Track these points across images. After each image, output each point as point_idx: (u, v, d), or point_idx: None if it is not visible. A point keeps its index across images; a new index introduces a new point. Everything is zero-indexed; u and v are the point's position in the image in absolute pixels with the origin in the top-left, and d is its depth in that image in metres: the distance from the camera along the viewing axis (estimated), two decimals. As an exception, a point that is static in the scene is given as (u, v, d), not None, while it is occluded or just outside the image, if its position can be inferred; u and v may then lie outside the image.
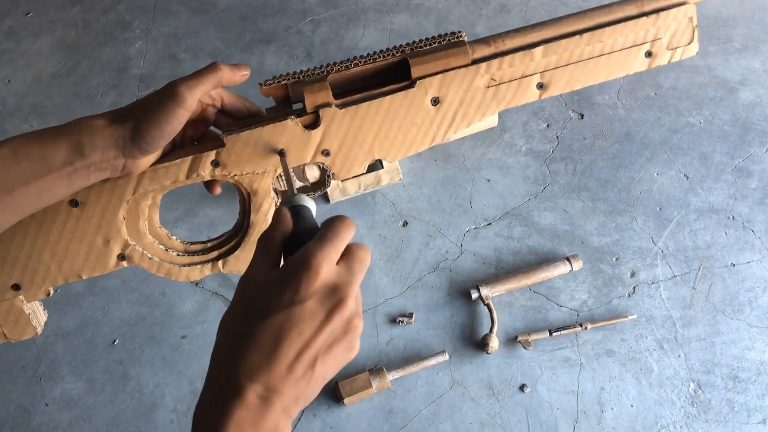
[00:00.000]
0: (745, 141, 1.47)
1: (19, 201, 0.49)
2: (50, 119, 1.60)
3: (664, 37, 0.61)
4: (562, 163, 1.46)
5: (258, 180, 0.58)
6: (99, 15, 1.79)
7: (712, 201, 1.39)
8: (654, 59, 0.62)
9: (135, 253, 0.59)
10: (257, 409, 0.39)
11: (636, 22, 0.61)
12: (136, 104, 0.52)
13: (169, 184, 0.57)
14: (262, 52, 1.68)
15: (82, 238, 0.57)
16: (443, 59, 0.59)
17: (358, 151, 0.59)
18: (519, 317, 1.27)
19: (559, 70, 0.61)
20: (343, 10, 1.75)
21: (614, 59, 0.61)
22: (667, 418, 1.17)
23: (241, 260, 0.61)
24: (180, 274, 0.61)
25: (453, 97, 0.59)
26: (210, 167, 0.57)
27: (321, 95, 0.57)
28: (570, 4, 1.72)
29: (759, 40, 1.62)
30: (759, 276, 1.30)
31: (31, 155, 0.48)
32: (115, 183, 0.56)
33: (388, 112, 0.59)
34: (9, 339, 0.60)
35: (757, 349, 1.23)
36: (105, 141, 0.49)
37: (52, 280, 0.58)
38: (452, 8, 1.74)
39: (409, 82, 0.59)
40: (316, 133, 0.58)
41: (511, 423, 1.17)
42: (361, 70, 0.59)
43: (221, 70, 0.54)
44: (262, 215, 0.60)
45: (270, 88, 0.59)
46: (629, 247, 1.34)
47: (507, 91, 0.60)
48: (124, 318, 1.30)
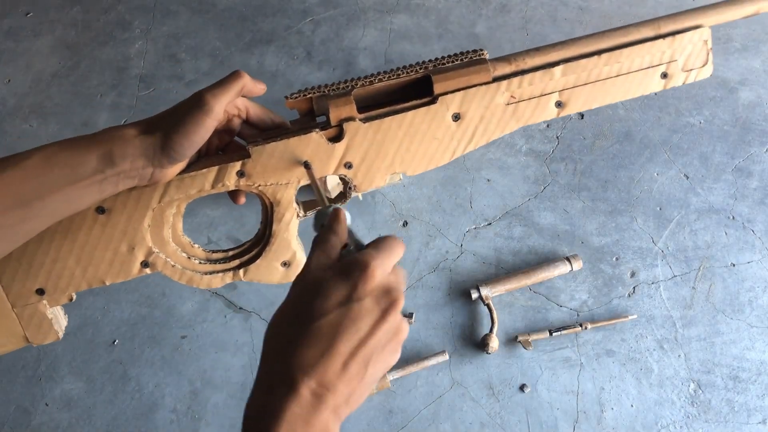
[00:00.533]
0: (745, 141, 1.47)
1: (49, 207, 0.50)
2: (50, 119, 1.60)
3: (680, 59, 0.63)
4: (562, 163, 1.46)
5: (281, 191, 0.60)
6: (99, 15, 1.79)
7: (712, 201, 1.39)
8: (669, 80, 0.64)
9: (158, 260, 0.60)
10: (310, 405, 0.39)
11: (653, 44, 0.63)
12: (165, 114, 0.53)
13: (194, 193, 0.58)
14: (262, 52, 1.68)
15: (107, 245, 0.58)
16: (465, 76, 0.60)
17: (380, 165, 0.61)
18: (519, 317, 1.27)
19: (578, 89, 0.62)
20: (343, 10, 1.75)
21: (631, 79, 0.63)
22: (667, 418, 1.17)
23: (262, 269, 0.62)
24: (201, 281, 0.62)
25: (474, 113, 0.61)
26: (235, 177, 0.58)
27: (345, 109, 0.59)
28: (570, 4, 1.72)
29: (759, 40, 1.62)
30: (759, 276, 1.30)
31: (63, 163, 0.49)
32: (141, 191, 0.57)
33: (410, 126, 0.60)
34: (31, 342, 0.61)
35: (757, 349, 1.23)
36: (135, 150, 0.50)
37: (75, 286, 0.59)
38: (452, 8, 1.74)
39: (432, 98, 0.60)
40: (340, 146, 0.59)
41: (511, 423, 1.17)
42: (384, 86, 0.61)
43: (243, 77, 0.55)
44: (284, 225, 0.61)
45: (295, 102, 0.61)
46: (629, 247, 1.34)
47: (526, 108, 0.62)
48: (124, 318, 1.30)
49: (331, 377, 0.40)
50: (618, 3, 1.72)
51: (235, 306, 1.31)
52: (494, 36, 1.67)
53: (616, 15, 1.69)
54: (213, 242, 1.37)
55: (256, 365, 1.25)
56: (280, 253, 0.62)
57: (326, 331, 0.40)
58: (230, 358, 1.26)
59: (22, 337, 0.60)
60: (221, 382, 1.24)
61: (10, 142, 1.57)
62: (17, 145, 1.56)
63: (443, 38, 1.67)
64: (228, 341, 1.28)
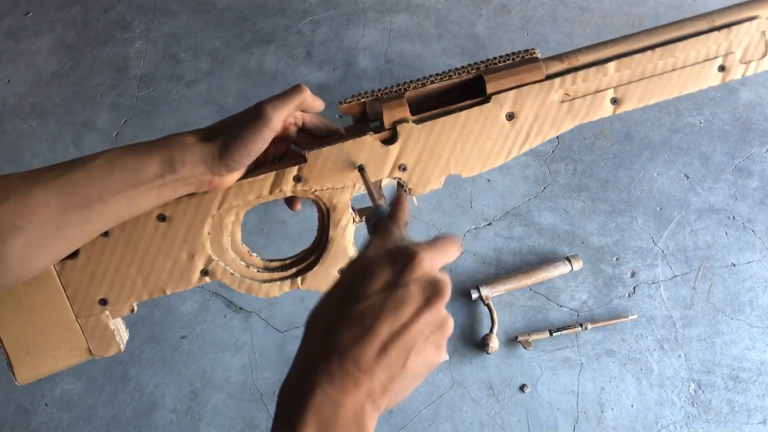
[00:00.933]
0: (745, 141, 1.47)
1: (110, 210, 0.51)
2: (50, 119, 1.60)
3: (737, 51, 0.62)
4: (562, 163, 1.45)
5: (337, 195, 0.60)
6: (99, 15, 1.79)
7: (713, 201, 1.39)
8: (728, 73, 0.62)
9: (218, 268, 0.60)
10: (342, 387, 0.38)
11: (708, 37, 0.61)
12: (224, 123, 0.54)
13: (253, 199, 0.59)
14: (262, 52, 1.68)
15: (168, 253, 0.59)
16: (518, 75, 0.60)
17: (435, 166, 0.60)
18: (519, 317, 1.27)
19: (633, 84, 0.61)
20: (343, 10, 1.75)
21: (687, 74, 0.62)
22: (667, 418, 1.17)
23: (320, 277, 0.61)
24: (260, 290, 0.62)
25: (528, 112, 0.60)
26: (292, 182, 0.59)
27: (399, 111, 0.59)
28: (570, 4, 1.72)
29: (759, 40, 1.62)
30: (759, 276, 1.30)
31: (126, 167, 0.50)
32: (201, 198, 0.57)
33: (464, 127, 0.60)
34: (94, 355, 0.61)
35: (757, 349, 1.23)
36: (194, 157, 0.52)
37: (137, 295, 0.60)
38: (452, 8, 1.73)
39: (485, 97, 0.60)
40: (394, 149, 0.59)
41: (511, 423, 1.17)
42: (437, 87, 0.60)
43: (305, 92, 0.56)
44: (340, 230, 0.61)
45: (348, 106, 0.61)
46: (629, 247, 1.34)
47: (581, 105, 0.61)
48: (124, 318, 1.30)
49: (368, 360, 0.38)
50: (618, 3, 1.72)
51: (235, 306, 1.31)
52: (494, 36, 1.67)
53: (616, 15, 1.69)
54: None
55: (256, 365, 1.26)
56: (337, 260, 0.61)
57: (367, 314, 0.39)
58: (230, 358, 1.26)
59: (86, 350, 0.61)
60: (221, 382, 1.24)
61: (10, 142, 1.57)
62: (17, 145, 1.56)
63: (443, 38, 1.67)
64: (228, 341, 1.27)
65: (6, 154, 1.55)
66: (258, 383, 1.24)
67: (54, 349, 0.59)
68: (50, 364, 0.60)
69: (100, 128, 1.58)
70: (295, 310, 1.29)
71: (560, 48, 1.63)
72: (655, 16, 1.67)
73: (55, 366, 0.60)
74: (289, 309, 1.30)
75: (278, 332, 1.28)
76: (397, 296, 0.40)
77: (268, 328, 1.28)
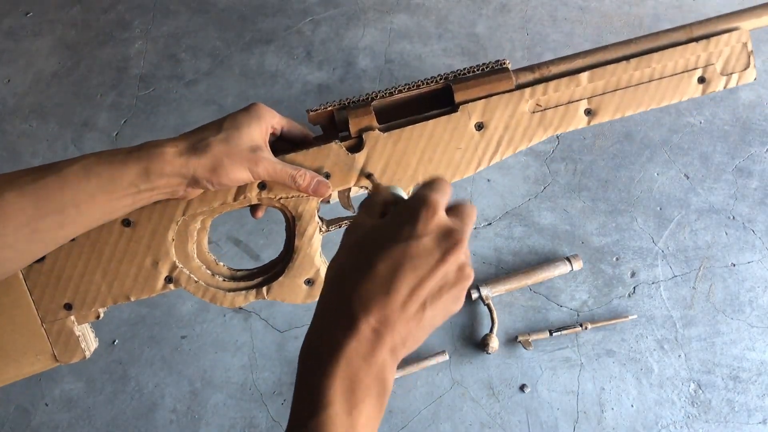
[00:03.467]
0: (745, 141, 1.47)
1: (83, 216, 0.51)
2: (50, 119, 1.60)
3: (717, 63, 0.61)
4: (562, 163, 1.45)
5: (303, 203, 0.59)
6: (99, 15, 1.79)
7: (713, 201, 1.39)
8: (708, 85, 0.61)
9: (182, 276, 0.60)
10: (369, 342, 0.39)
11: (685, 48, 0.60)
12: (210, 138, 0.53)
13: (217, 207, 0.58)
14: (262, 52, 1.68)
15: (133, 259, 0.58)
16: (487, 84, 0.59)
17: (402, 176, 0.60)
18: (519, 317, 1.27)
19: (608, 95, 0.60)
20: (343, 9, 1.75)
21: (665, 85, 0.61)
22: (667, 418, 1.17)
23: (285, 287, 0.61)
24: (225, 299, 0.61)
25: (498, 122, 0.59)
26: (257, 190, 0.58)
27: (365, 119, 0.58)
28: (570, 4, 1.72)
29: (759, 40, 1.62)
30: (759, 276, 1.30)
31: (102, 175, 0.50)
32: (166, 204, 0.57)
33: (431, 136, 0.59)
34: (59, 361, 0.60)
35: (757, 350, 1.23)
36: (173, 170, 0.52)
37: (102, 301, 0.59)
38: (452, 8, 1.73)
39: (453, 106, 0.59)
40: (360, 156, 0.59)
41: (512, 423, 1.17)
42: (405, 97, 0.60)
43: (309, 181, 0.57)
44: (306, 240, 0.60)
45: (316, 115, 0.60)
46: (629, 247, 1.34)
47: (554, 116, 0.60)
48: (123, 318, 1.30)
49: (390, 314, 0.40)
50: (618, 3, 1.72)
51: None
52: (494, 36, 1.66)
53: (616, 15, 1.69)
54: (213, 242, 1.37)
55: (256, 365, 1.26)
56: (303, 270, 0.60)
57: (387, 270, 0.40)
58: (230, 358, 1.26)
59: (51, 355, 0.60)
60: (221, 382, 1.24)
61: (10, 141, 1.57)
62: (17, 145, 1.56)
63: (443, 38, 1.67)
64: (228, 341, 1.27)
65: (6, 154, 1.55)
66: (258, 383, 1.24)
67: (20, 354, 0.59)
68: (15, 369, 0.59)
69: (100, 128, 1.58)
70: (295, 310, 1.29)
71: (560, 48, 1.63)
72: (655, 16, 1.67)
73: (20, 372, 0.59)
74: (289, 309, 1.29)
75: (278, 332, 1.28)
76: (413, 249, 0.40)
77: (267, 328, 1.28)
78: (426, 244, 0.40)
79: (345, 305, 0.40)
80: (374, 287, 0.40)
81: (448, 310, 0.42)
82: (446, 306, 0.42)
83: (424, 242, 0.40)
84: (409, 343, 0.41)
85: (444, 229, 0.41)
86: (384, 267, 0.40)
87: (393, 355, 0.41)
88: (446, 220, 0.42)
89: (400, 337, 0.40)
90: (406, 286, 0.40)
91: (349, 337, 0.39)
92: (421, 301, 0.40)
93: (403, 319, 0.40)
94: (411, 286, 0.40)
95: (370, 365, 0.40)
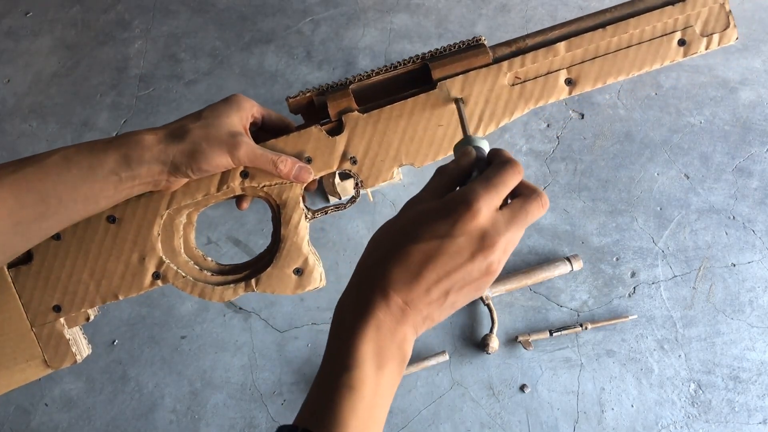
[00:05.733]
0: (745, 141, 1.47)
1: (66, 206, 0.51)
2: (50, 119, 1.59)
3: (696, 25, 0.60)
4: (562, 163, 1.45)
5: (287, 191, 0.59)
6: (98, 15, 1.79)
7: (713, 201, 1.39)
8: (689, 48, 0.60)
9: (169, 271, 0.59)
10: (395, 317, 0.45)
11: (662, 11, 0.60)
12: (191, 126, 0.54)
13: (201, 199, 0.58)
14: (262, 52, 1.68)
15: (119, 256, 0.58)
16: (464, 60, 0.59)
17: (385, 156, 0.59)
18: (519, 317, 1.27)
19: (587, 63, 0.60)
20: (343, 9, 1.75)
21: (645, 50, 0.60)
22: (667, 418, 1.17)
23: (274, 278, 0.60)
24: (213, 294, 0.60)
25: (477, 96, 0.59)
26: (239, 179, 0.58)
27: (343, 102, 0.58)
28: (570, 4, 1.72)
29: (759, 40, 1.62)
30: (759, 276, 1.30)
31: (82, 163, 0.51)
32: (149, 198, 0.57)
33: (411, 114, 0.59)
34: (50, 367, 0.60)
35: (757, 350, 1.23)
36: (152, 156, 0.52)
37: (90, 301, 0.59)
38: (452, 8, 1.73)
39: (431, 84, 0.59)
40: (341, 139, 0.58)
41: (512, 423, 1.17)
42: (382, 78, 0.60)
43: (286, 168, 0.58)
44: (292, 228, 0.59)
45: (296, 102, 0.60)
46: (630, 247, 1.34)
47: (534, 88, 0.60)
48: (123, 318, 1.30)
49: (414, 297, 0.45)
50: (618, 3, 1.71)
51: (235, 306, 1.31)
52: (494, 36, 1.66)
53: (616, 15, 1.69)
54: (213, 242, 1.37)
55: (256, 365, 1.25)
56: (291, 259, 0.60)
57: (419, 258, 0.44)
58: (230, 358, 1.26)
59: (42, 361, 0.59)
60: (221, 382, 1.24)
61: (10, 141, 1.57)
62: (17, 145, 1.56)
63: (443, 38, 1.67)
64: (228, 341, 1.27)
65: (6, 154, 1.55)
66: (258, 383, 1.24)
67: (10, 361, 0.58)
68: (6, 378, 0.58)
69: (100, 128, 1.57)
70: (295, 310, 1.29)
71: (560, 48, 1.63)
72: None
73: (11, 380, 0.59)
74: (288, 309, 1.29)
75: (278, 332, 1.28)
76: (446, 247, 0.44)
77: (267, 328, 1.28)
78: (459, 244, 0.44)
79: (379, 280, 0.45)
80: (406, 273, 0.44)
81: (471, 296, 0.47)
82: (467, 294, 0.46)
83: (457, 242, 0.44)
84: (428, 320, 0.46)
85: (480, 233, 0.44)
86: (417, 257, 0.44)
87: (414, 329, 0.46)
88: (485, 224, 0.44)
89: (422, 317, 0.46)
90: (434, 276, 0.44)
91: (382, 309, 0.45)
92: (443, 290, 0.45)
93: (425, 302, 0.45)
94: (436, 278, 0.44)
95: (395, 335, 0.45)
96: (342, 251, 1.35)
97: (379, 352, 0.44)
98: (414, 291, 0.45)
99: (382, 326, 0.45)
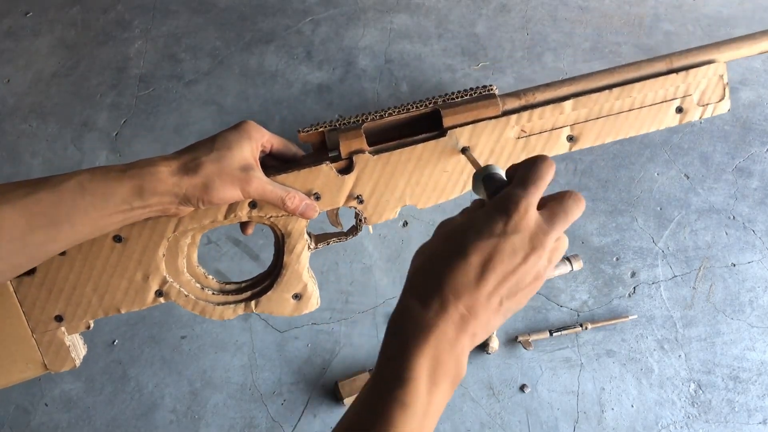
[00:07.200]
0: (745, 141, 1.47)
1: (77, 230, 0.52)
2: (50, 119, 1.59)
3: (695, 94, 0.62)
4: (562, 162, 1.45)
5: (292, 222, 0.60)
6: (98, 15, 1.79)
7: (713, 201, 1.39)
8: (685, 115, 0.63)
9: (172, 290, 0.61)
10: (456, 326, 0.43)
11: (666, 79, 0.62)
12: (203, 158, 0.54)
13: (208, 224, 0.59)
14: (262, 52, 1.68)
15: (123, 273, 0.59)
16: (474, 110, 0.60)
17: (390, 197, 0.61)
18: (519, 317, 1.27)
19: (590, 123, 0.62)
20: (343, 9, 1.75)
21: (644, 114, 0.62)
22: (667, 418, 1.17)
23: (273, 301, 0.62)
24: (214, 312, 0.62)
25: (483, 147, 0.61)
26: (247, 208, 0.59)
27: (355, 142, 0.59)
28: (570, 4, 1.72)
29: (759, 40, 1.62)
30: (759, 276, 1.30)
31: (96, 192, 0.51)
32: (157, 221, 0.58)
33: (419, 159, 0.60)
34: (49, 370, 0.61)
35: (757, 350, 1.23)
36: (166, 189, 0.53)
37: (92, 313, 0.60)
38: (452, 8, 1.73)
39: (441, 131, 0.60)
40: (350, 178, 0.60)
41: (512, 423, 1.17)
42: (394, 120, 0.61)
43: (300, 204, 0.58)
44: (295, 257, 0.61)
45: (307, 135, 0.61)
46: (630, 247, 1.34)
47: (537, 142, 0.61)
48: (123, 318, 1.30)
49: (476, 305, 0.43)
50: (618, 2, 1.71)
51: (235, 306, 1.31)
52: (494, 36, 1.66)
53: (616, 14, 1.69)
54: (213, 242, 1.37)
55: (256, 365, 1.25)
56: (291, 285, 0.62)
57: (479, 261, 0.43)
58: (230, 358, 1.26)
59: (41, 364, 0.61)
60: (221, 382, 1.24)
61: (10, 142, 1.57)
62: (17, 145, 1.56)
63: (443, 38, 1.67)
64: (228, 341, 1.27)
65: (6, 154, 1.55)
66: (258, 383, 1.24)
67: (9, 362, 0.60)
68: (5, 376, 0.60)
69: (100, 128, 1.57)
70: (295, 310, 1.29)
71: (560, 48, 1.63)
72: (655, 16, 1.67)
73: (10, 378, 0.60)
74: (289, 309, 1.29)
75: (278, 332, 1.28)
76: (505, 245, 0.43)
77: (267, 329, 1.28)
78: (515, 243, 0.43)
79: (437, 288, 0.43)
80: (467, 276, 0.43)
81: (521, 303, 0.45)
82: (518, 302, 0.45)
83: (513, 240, 0.43)
84: (486, 330, 0.45)
85: (530, 232, 0.44)
86: (477, 258, 0.43)
87: (472, 340, 0.44)
88: (534, 222, 0.44)
89: (481, 325, 0.44)
90: (495, 279, 0.43)
91: (443, 319, 0.43)
92: (502, 295, 0.44)
93: (486, 309, 0.44)
94: (498, 280, 0.43)
95: (453, 347, 0.43)
96: (342, 251, 1.35)
97: (437, 366, 0.42)
98: (476, 296, 0.43)
99: (441, 337, 0.42)
